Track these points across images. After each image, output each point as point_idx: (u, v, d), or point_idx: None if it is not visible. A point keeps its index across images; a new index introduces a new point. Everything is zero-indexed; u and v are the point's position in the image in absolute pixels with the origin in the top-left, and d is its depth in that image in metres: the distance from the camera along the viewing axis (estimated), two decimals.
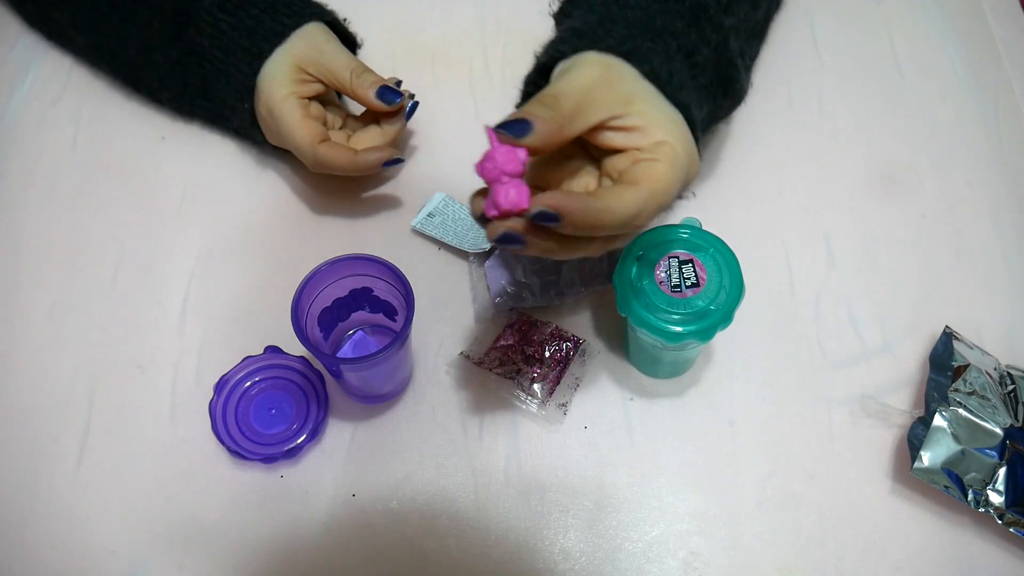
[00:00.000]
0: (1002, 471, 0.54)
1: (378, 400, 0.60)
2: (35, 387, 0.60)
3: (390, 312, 0.58)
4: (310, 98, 0.62)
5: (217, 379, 0.58)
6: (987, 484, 0.54)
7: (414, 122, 0.68)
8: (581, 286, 0.61)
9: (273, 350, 0.59)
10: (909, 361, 0.62)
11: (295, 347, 0.59)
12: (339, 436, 0.58)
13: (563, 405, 0.59)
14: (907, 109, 0.72)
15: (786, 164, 0.69)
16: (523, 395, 0.59)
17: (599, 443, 0.59)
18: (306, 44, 0.61)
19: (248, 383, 0.59)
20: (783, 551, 0.56)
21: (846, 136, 0.71)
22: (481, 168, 0.41)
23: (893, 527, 0.56)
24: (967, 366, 0.57)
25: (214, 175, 0.68)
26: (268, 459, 0.56)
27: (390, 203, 0.67)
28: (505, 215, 0.41)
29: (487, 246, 0.62)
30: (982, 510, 0.53)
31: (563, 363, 0.59)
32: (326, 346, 0.58)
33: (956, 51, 0.75)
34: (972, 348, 0.59)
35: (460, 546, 0.55)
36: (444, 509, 0.56)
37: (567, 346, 0.60)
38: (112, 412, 0.59)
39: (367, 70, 0.61)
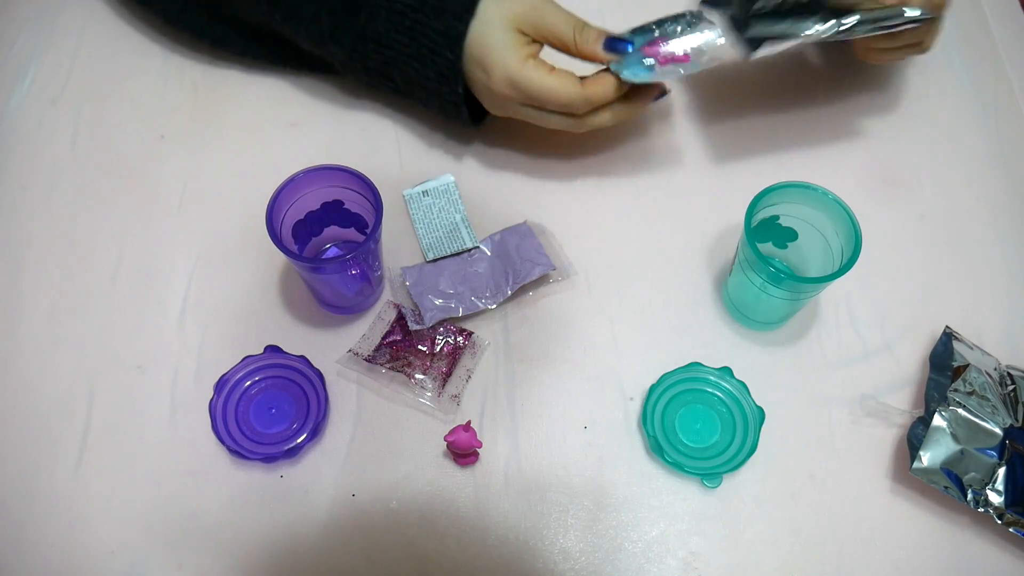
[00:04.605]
0: (1001, 471, 0.54)
1: (349, 311, 0.61)
2: (35, 387, 0.60)
3: (361, 227, 0.59)
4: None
5: (217, 379, 0.58)
6: (986, 484, 0.54)
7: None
8: (508, 288, 0.61)
9: (273, 350, 0.59)
10: (909, 361, 0.62)
11: (295, 347, 0.59)
12: (339, 436, 0.59)
13: (455, 397, 0.59)
14: (907, 109, 0.72)
15: (786, 165, 0.69)
16: (415, 388, 0.59)
17: (599, 443, 0.59)
18: (520, 5, 0.59)
19: (248, 383, 0.59)
20: (783, 551, 0.56)
21: (846, 136, 0.71)
22: (452, 442, 0.55)
23: (893, 527, 0.56)
24: (967, 366, 0.57)
25: (214, 175, 0.68)
26: (268, 459, 0.56)
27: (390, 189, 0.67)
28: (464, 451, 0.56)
29: (430, 256, 0.64)
30: (981, 510, 0.53)
31: (453, 356, 0.60)
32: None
33: (956, 51, 0.75)
34: (972, 348, 0.59)
35: (460, 546, 0.55)
36: (444, 509, 0.56)
37: (458, 340, 0.60)
38: (112, 412, 0.59)
39: (586, 24, 0.59)
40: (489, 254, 0.64)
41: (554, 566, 0.55)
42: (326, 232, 0.61)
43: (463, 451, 0.56)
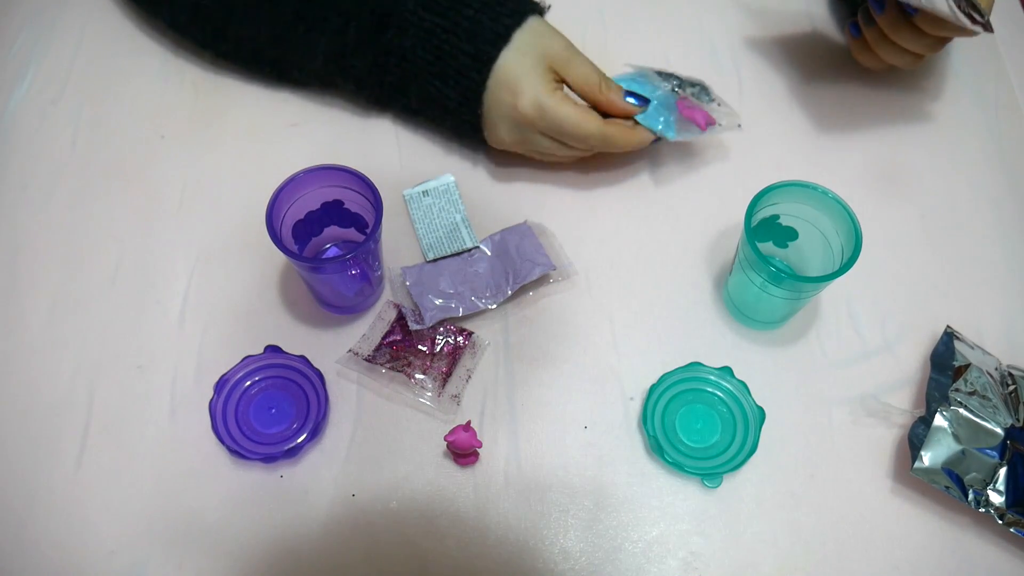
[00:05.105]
0: (1003, 471, 0.54)
1: (349, 311, 0.61)
2: (35, 387, 0.60)
3: (361, 227, 0.60)
4: None
5: (217, 379, 0.58)
6: (987, 484, 0.54)
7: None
8: (508, 288, 0.61)
9: (273, 350, 0.59)
10: (909, 361, 0.62)
11: (295, 347, 0.59)
12: (339, 436, 0.58)
13: (455, 397, 0.59)
14: (907, 109, 0.72)
15: (786, 165, 0.69)
16: (415, 388, 0.59)
17: (599, 443, 0.59)
18: (555, 44, 0.61)
19: (248, 383, 0.59)
20: (783, 551, 0.56)
21: (846, 135, 0.71)
22: (451, 442, 0.54)
23: (893, 527, 0.56)
24: (968, 366, 0.57)
25: (214, 175, 0.68)
26: (268, 459, 0.56)
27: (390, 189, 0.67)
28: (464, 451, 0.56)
29: (430, 256, 0.64)
30: (982, 510, 0.53)
31: (453, 356, 0.60)
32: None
33: (956, 51, 0.75)
34: (973, 348, 0.59)
35: (460, 546, 0.55)
36: (444, 509, 0.56)
37: (458, 340, 0.61)
38: (112, 412, 0.59)
39: (608, 78, 0.62)
40: (489, 254, 0.64)
41: (554, 566, 0.55)
42: (326, 232, 0.61)
43: (463, 451, 0.56)
